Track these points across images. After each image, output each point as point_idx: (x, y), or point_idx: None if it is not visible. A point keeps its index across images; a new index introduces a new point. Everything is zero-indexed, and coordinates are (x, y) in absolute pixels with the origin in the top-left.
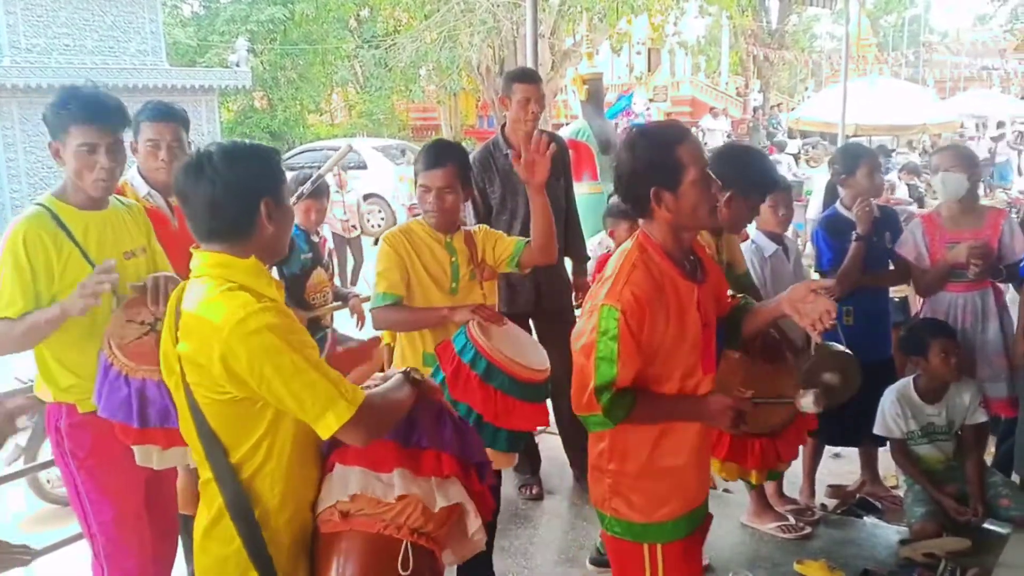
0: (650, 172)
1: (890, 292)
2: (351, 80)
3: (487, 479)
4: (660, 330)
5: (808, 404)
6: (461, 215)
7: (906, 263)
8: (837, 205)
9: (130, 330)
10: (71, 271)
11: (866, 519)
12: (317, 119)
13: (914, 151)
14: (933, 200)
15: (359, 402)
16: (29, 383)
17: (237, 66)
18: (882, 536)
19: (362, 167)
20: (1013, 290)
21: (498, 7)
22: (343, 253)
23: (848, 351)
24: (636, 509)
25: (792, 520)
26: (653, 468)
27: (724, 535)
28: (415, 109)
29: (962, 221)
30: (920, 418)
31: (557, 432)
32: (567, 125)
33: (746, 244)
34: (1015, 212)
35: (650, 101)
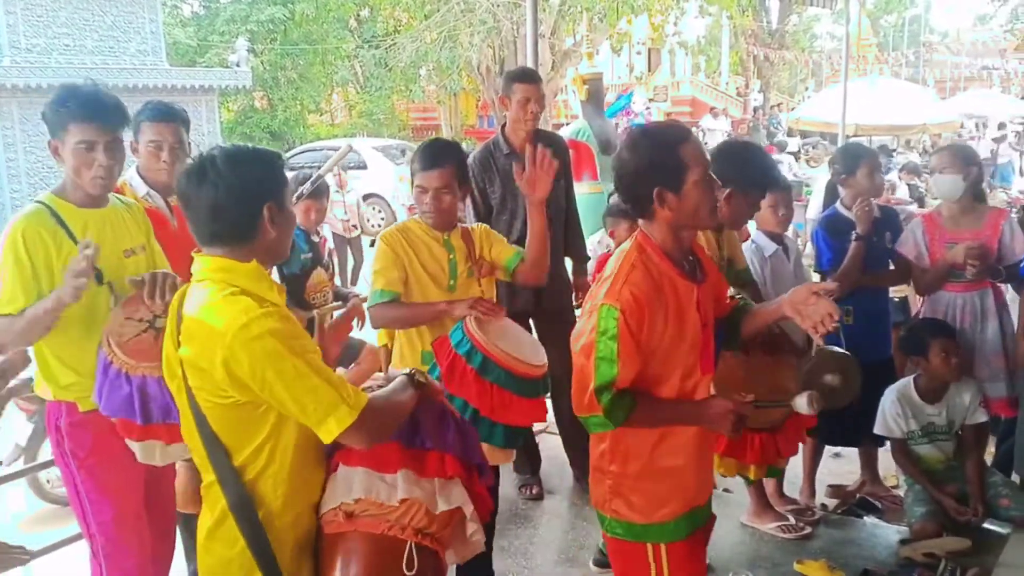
0: (653, 172)
1: (890, 292)
2: (351, 80)
3: (487, 479)
4: (659, 330)
5: (802, 405)
6: (460, 214)
7: (906, 262)
8: (837, 205)
9: (129, 327)
10: None
11: (866, 519)
12: (317, 119)
13: (912, 151)
14: (933, 200)
15: (361, 406)
16: (28, 380)
17: (237, 66)
18: (882, 536)
19: (362, 167)
20: (1012, 290)
21: (498, 7)
22: (343, 253)
23: (848, 354)
24: (636, 510)
25: (792, 520)
26: (654, 469)
27: (724, 535)
28: (415, 109)
29: (962, 221)
30: (920, 418)
31: (557, 432)
32: (567, 125)
33: (746, 244)
34: (1015, 212)
35: (650, 101)
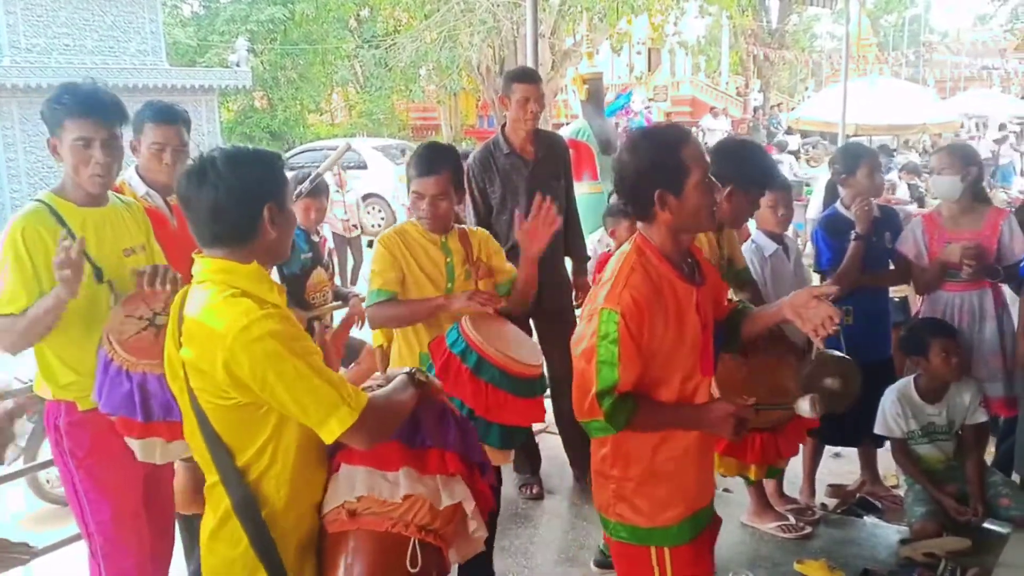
0: (653, 174)
1: (890, 292)
2: (351, 80)
3: (488, 478)
4: (659, 333)
5: (805, 409)
6: (460, 215)
7: (906, 262)
8: (837, 205)
9: (129, 325)
10: None
11: (866, 519)
12: (317, 119)
13: (912, 151)
14: (933, 200)
15: (362, 407)
16: (29, 383)
17: (237, 66)
18: (882, 536)
19: (362, 167)
20: (1011, 290)
21: (498, 7)
22: (343, 253)
23: (849, 358)
24: (641, 513)
25: (792, 520)
26: (655, 472)
27: (724, 535)
28: (415, 109)
29: (962, 221)
30: (920, 418)
31: (557, 432)
32: (567, 125)
33: (746, 244)
34: (1015, 212)
35: (650, 101)
